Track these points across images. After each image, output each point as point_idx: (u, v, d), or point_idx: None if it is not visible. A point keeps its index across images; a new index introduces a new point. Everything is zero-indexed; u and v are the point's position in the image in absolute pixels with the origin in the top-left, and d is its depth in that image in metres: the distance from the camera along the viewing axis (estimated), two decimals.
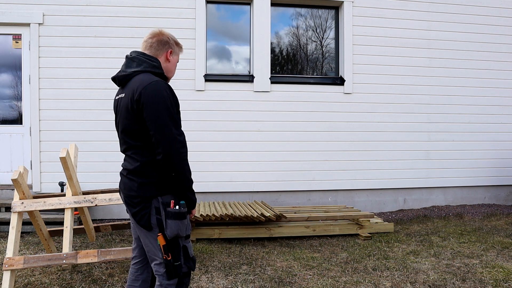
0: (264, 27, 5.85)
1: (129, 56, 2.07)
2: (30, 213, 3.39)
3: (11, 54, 5.59)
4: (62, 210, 4.64)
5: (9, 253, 3.09)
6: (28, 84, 5.49)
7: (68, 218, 3.41)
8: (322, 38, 6.27)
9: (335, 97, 6.02)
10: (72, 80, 5.48)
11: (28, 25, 5.42)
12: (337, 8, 6.21)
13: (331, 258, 3.97)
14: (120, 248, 3.30)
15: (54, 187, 5.37)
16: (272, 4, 5.95)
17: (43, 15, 5.42)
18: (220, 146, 5.72)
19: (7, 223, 4.83)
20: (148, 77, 1.97)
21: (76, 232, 4.27)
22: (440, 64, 6.26)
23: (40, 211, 3.71)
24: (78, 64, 5.49)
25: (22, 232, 4.70)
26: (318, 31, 6.26)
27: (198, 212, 4.65)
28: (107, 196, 3.40)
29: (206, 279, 3.36)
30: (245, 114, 5.79)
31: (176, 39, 2.16)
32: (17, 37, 5.53)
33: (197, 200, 4.44)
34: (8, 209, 5.21)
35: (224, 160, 5.70)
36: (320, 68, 6.33)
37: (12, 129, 5.59)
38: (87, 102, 5.51)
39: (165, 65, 2.10)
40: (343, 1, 6.02)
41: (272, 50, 6.07)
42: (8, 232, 3.65)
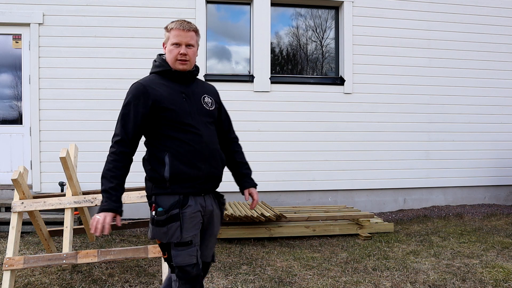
0: (264, 27, 5.85)
1: None
2: (30, 213, 3.39)
3: (11, 54, 5.59)
4: (62, 210, 4.64)
5: (9, 253, 3.09)
6: (28, 84, 5.49)
7: (68, 218, 3.41)
8: (322, 38, 6.27)
9: (335, 97, 6.02)
10: (72, 80, 5.48)
11: (28, 25, 5.42)
12: (337, 8, 6.21)
13: (331, 258, 3.97)
14: (120, 248, 3.30)
15: (54, 187, 5.36)
16: (272, 4, 5.94)
17: (43, 15, 5.42)
18: None
19: (7, 223, 4.83)
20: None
21: (76, 232, 4.27)
22: (440, 64, 6.25)
23: (40, 211, 3.71)
24: (78, 64, 5.49)
25: (22, 232, 4.70)
26: (318, 31, 6.26)
27: None
28: None
29: (206, 279, 3.36)
30: (245, 114, 5.79)
31: (167, 25, 2.06)
32: (17, 37, 5.53)
33: None
34: (8, 209, 5.21)
35: None
36: (320, 68, 6.33)
37: (12, 129, 5.59)
38: (87, 102, 5.51)
39: (167, 56, 2.05)
40: (343, 1, 6.02)
41: (272, 50, 6.07)
42: (8, 232, 3.64)
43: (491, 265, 3.64)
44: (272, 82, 5.87)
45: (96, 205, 3.37)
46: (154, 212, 1.89)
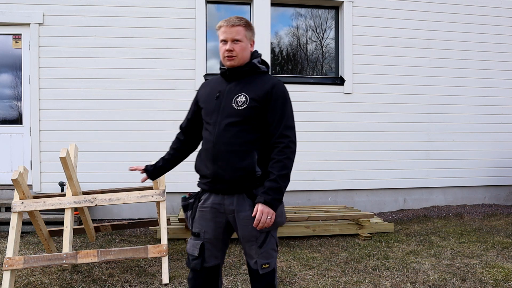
0: (264, 27, 5.85)
1: None
2: (30, 213, 3.39)
3: (11, 54, 5.59)
4: (62, 210, 4.63)
5: (9, 253, 3.09)
6: (28, 84, 5.49)
7: (68, 218, 3.41)
8: (322, 38, 6.27)
9: (335, 97, 6.02)
10: (72, 80, 5.48)
11: (28, 25, 5.42)
12: (337, 8, 6.21)
13: (331, 258, 3.97)
14: (120, 248, 3.30)
15: (54, 187, 5.36)
16: (272, 4, 5.94)
17: (43, 15, 5.42)
18: None
19: (7, 223, 4.83)
20: None
21: (76, 232, 4.27)
22: (440, 64, 6.25)
23: (40, 211, 3.71)
24: (78, 64, 5.49)
25: (22, 232, 4.70)
26: (318, 31, 6.26)
27: None
28: (107, 196, 3.40)
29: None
30: None
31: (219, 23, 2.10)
32: (17, 37, 5.53)
33: None
34: (8, 209, 5.21)
35: None
36: (320, 68, 6.33)
37: (12, 129, 5.59)
38: (87, 102, 5.51)
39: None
40: (343, 1, 6.02)
41: (272, 50, 6.07)
42: (8, 232, 3.64)
43: (491, 265, 3.64)
44: None
45: (96, 205, 3.37)
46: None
